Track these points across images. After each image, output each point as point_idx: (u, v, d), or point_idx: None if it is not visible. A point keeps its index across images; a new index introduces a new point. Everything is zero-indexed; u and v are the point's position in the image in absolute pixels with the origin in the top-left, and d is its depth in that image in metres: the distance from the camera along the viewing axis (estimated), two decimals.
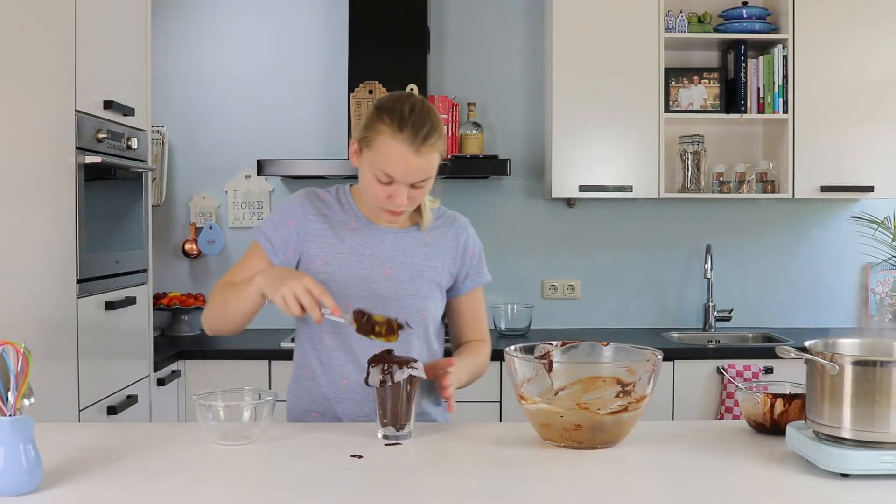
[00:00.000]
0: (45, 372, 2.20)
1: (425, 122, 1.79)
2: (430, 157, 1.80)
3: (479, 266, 2.01)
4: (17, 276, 2.20)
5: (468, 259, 1.99)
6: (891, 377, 1.39)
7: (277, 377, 3.31)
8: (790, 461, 1.51)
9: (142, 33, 3.04)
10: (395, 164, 1.78)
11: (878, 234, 3.69)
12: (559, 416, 1.58)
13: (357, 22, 3.66)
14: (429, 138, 1.78)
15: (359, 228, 1.92)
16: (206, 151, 3.91)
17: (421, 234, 1.95)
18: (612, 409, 1.57)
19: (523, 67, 3.91)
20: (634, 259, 3.93)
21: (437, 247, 1.95)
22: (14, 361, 1.33)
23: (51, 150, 2.39)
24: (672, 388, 3.32)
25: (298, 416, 1.96)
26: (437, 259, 1.95)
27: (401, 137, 1.77)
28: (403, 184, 1.80)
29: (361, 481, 1.43)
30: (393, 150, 1.77)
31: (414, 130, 1.77)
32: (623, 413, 1.58)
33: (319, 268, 1.89)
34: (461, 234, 1.99)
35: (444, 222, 1.99)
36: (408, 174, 1.79)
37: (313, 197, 1.95)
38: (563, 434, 1.59)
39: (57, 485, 1.38)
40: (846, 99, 3.58)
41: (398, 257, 1.91)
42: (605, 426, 1.58)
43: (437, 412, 2.00)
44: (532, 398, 1.62)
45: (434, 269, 1.94)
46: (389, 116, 1.79)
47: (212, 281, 3.91)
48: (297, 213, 1.91)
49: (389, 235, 1.93)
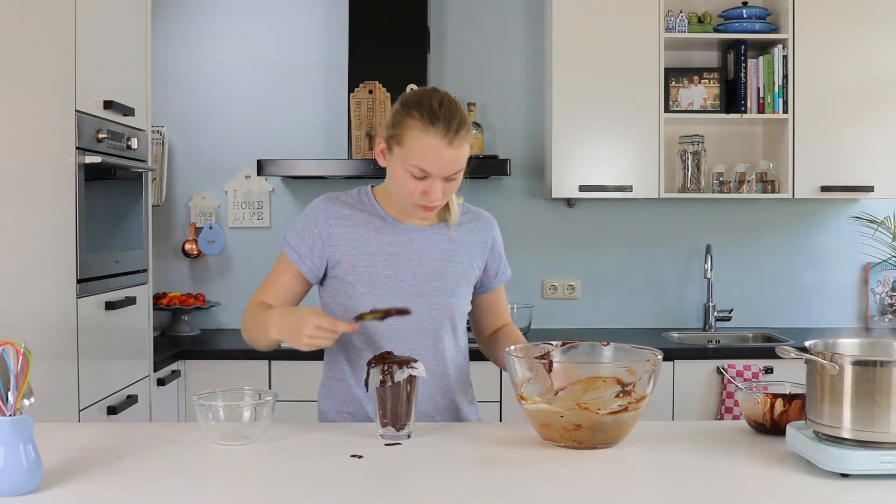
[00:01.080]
0: (45, 372, 2.20)
1: (455, 114, 1.80)
2: (462, 149, 1.81)
3: (504, 262, 2.05)
4: (17, 276, 2.21)
5: (496, 255, 2.01)
6: (891, 377, 1.39)
7: (277, 377, 3.31)
8: (790, 461, 1.51)
9: (142, 33, 3.04)
10: (429, 158, 1.78)
11: (878, 234, 3.69)
12: (559, 416, 1.58)
13: (357, 22, 3.66)
14: (460, 130, 1.79)
15: (384, 228, 1.92)
16: (206, 151, 3.91)
17: (448, 230, 1.96)
18: (612, 409, 1.57)
19: (523, 67, 3.91)
20: (634, 259, 3.93)
21: (464, 243, 1.96)
22: (14, 361, 1.33)
23: (51, 150, 2.39)
24: (672, 388, 3.32)
25: (329, 417, 1.98)
26: (464, 255, 1.95)
27: (433, 131, 1.77)
28: (438, 177, 1.80)
29: (361, 481, 1.43)
30: (427, 143, 1.78)
31: (446, 123, 1.77)
32: (623, 413, 1.58)
33: (347, 270, 1.89)
34: (488, 230, 2.00)
35: (470, 218, 2.00)
36: (442, 167, 1.79)
37: (333, 201, 1.94)
38: (563, 434, 1.59)
39: (57, 485, 1.38)
40: (846, 99, 3.58)
41: (425, 255, 1.92)
42: (605, 426, 1.58)
43: (471, 411, 2.03)
44: (532, 398, 1.62)
45: (461, 264, 1.95)
46: (419, 111, 1.79)
47: (212, 281, 3.92)
48: (318, 219, 1.91)
49: (416, 233, 1.93)
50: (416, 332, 1.90)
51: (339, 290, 1.91)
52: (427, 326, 1.91)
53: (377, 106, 3.62)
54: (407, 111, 1.81)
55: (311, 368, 3.30)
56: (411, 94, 1.86)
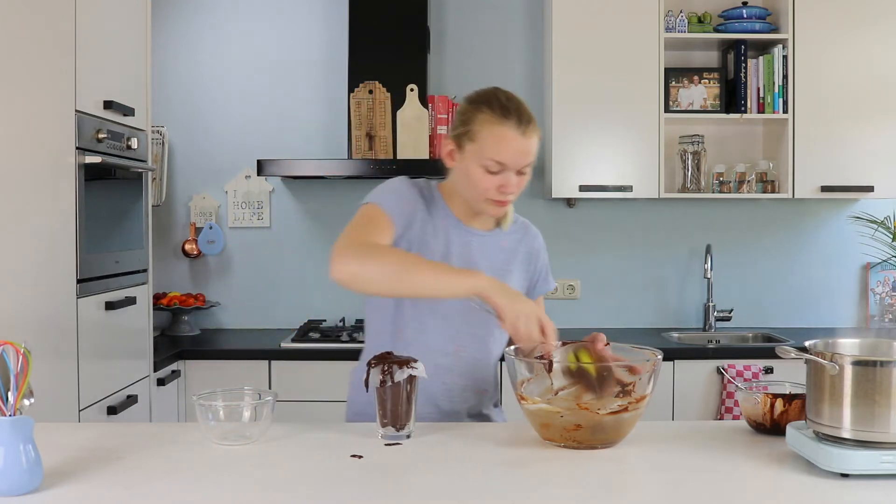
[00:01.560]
0: (45, 372, 2.19)
1: (523, 106, 1.86)
2: (533, 141, 1.84)
3: (546, 274, 2.06)
4: (17, 276, 2.20)
5: (539, 266, 2.04)
6: (891, 377, 1.39)
7: (277, 377, 3.31)
8: (790, 461, 1.51)
9: (142, 33, 3.04)
10: (505, 150, 1.81)
11: (878, 234, 3.69)
12: (559, 416, 1.58)
13: (357, 22, 3.66)
14: (531, 121, 1.84)
15: (448, 227, 1.93)
16: (206, 151, 3.91)
17: (498, 238, 1.98)
18: (612, 409, 1.57)
19: (523, 67, 3.91)
20: (634, 259, 3.93)
21: (512, 252, 1.99)
22: (14, 361, 1.33)
23: (51, 150, 2.39)
24: (672, 388, 3.32)
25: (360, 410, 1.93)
26: (513, 264, 1.99)
27: (508, 123, 1.81)
28: (512, 170, 1.83)
29: (361, 481, 1.43)
30: (501, 135, 1.81)
31: (518, 114, 1.83)
32: (623, 413, 1.58)
33: None
34: (534, 241, 2.04)
35: (518, 228, 2.03)
36: (517, 158, 1.82)
37: (415, 187, 1.93)
38: (563, 434, 1.59)
39: (57, 485, 1.38)
40: (846, 99, 3.58)
41: (480, 260, 1.94)
42: (605, 426, 1.58)
43: (496, 413, 2.05)
44: (532, 398, 1.62)
45: (510, 273, 1.97)
46: (489, 106, 1.83)
47: (212, 281, 3.91)
48: (407, 196, 1.89)
49: (474, 238, 1.95)
50: (465, 335, 1.92)
51: None
52: (475, 331, 1.92)
53: (377, 106, 3.62)
54: (476, 107, 1.85)
55: (311, 368, 3.32)
56: (475, 94, 1.90)
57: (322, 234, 3.91)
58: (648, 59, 3.57)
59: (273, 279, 3.92)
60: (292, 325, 3.85)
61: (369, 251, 1.72)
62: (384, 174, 3.52)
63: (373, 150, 3.63)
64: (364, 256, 1.71)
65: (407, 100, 3.61)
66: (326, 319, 3.86)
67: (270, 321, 3.92)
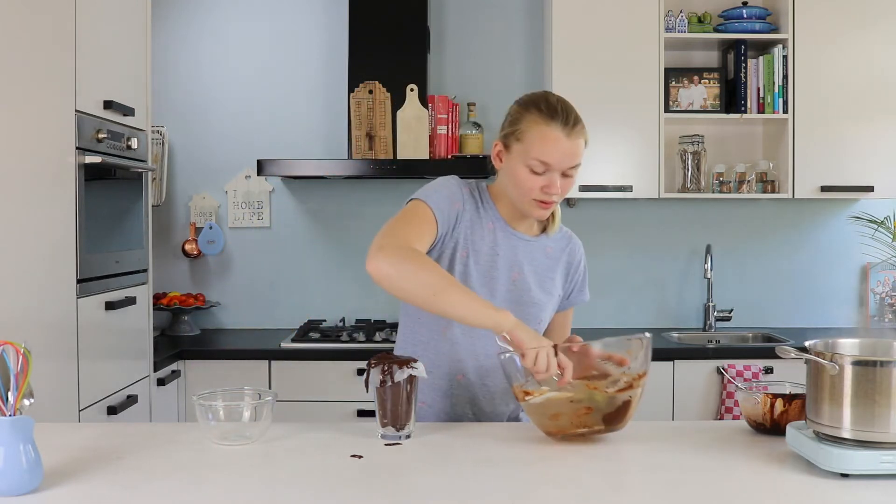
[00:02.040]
0: (45, 372, 2.20)
1: (571, 109, 1.89)
2: (579, 142, 1.87)
3: (582, 285, 2.09)
4: (17, 276, 2.21)
5: (576, 277, 2.06)
6: (891, 377, 1.39)
7: (277, 377, 3.31)
8: (790, 461, 1.51)
9: (142, 33, 3.04)
10: (550, 150, 1.83)
11: (878, 234, 3.69)
12: (569, 401, 1.59)
13: (357, 22, 3.66)
14: (578, 123, 1.88)
15: (496, 230, 1.95)
16: (205, 151, 3.91)
17: (544, 244, 2.00)
18: (619, 387, 1.61)
19: (523, 67, 3.91)
20: (634, 259, 3.93)
21: (555, 260, 2.02)
22: (14, 361, 1.33)
23: (51, 150, 2.39)
24: (672, 388, 3.32)
25: None
26: (555, 271, 2.01)
27: (554, 124, 1.84)
28: (558, 170, 1.85)
29: (361, 481, 1.43)
30: (546, 135, 1.84)
31: (564, 116, 1.86)
32: (628, 390, 1.61)
33: (462, 258, 1.90)
34: (576, 251, 2.07)
35: (562, 237, 2.06)
36: (562, 159, 1.84)
37: (465, 187, 1.96)
38: (573, 420, 1.61)
39: (57, 485, 1.38)
40: (846, 99, 3.58)
41: (525, 264, 1.96)
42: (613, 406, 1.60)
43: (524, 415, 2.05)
44: (538, 390, 1.63)
45: (552, 280, 2.00)
46: (537, 108, 1.87)
47: (212, 281, 3.91)
48: (457, 196, 1.91)
49: (521, 242, 1.97)
50: None
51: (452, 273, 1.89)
52: None
53: (377, 106, 3.62)
54: (525, 109, 1.89)
55: (311, 368, 3.32)
56: (525, 96, 1.94)
57: (322, 234, 3.92)
58: (648, 59, 3.57)
59: (273, 279, 3.92)
60: (292, 325, 3.85)
61: (409, 259, 1.71)
62: (384, 174, 3.52)
63: (373, 150, 3.63)
64: (403, 263, 1.70)
65: (407, 100, 3.61)
66: (326, 319, 3.86)
67: (270, 321, 3.92)
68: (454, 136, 3.70)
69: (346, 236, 3.91)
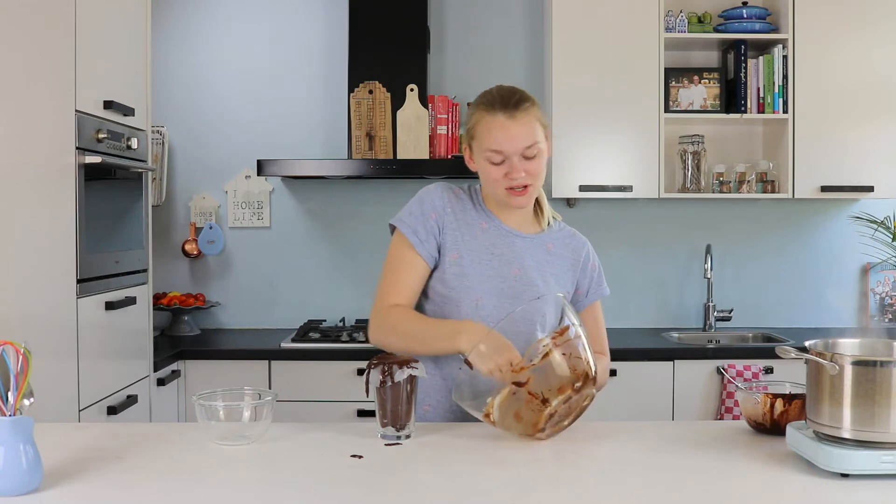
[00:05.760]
0: (45, 372, 2.19)
1: (514, 93, 1.90)
2: (527, 121, 1.88)
3: (599, 280, 2.08)
4: (17, 276, 2.20)
5: (589, 272, 2.05)
6: (891, 377, 1.39)
7: (277, 377, 3.31)
8: (790, 461, 1.51)
9: (142, 33, 3.04)
10: (497, 137, 1.86)
11: (878, 234, 3.69)
12: (511, 393, 1.63)
13: (357, 22, 3.66)
14: (520, 104, 1.88)
15: (490, 229, 1.97)
16: (205, 151, 3.91)
17: (545, 241, 2.01)
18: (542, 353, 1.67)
19: (523, 67, 3.91)
20: (634, 259, 3.93)
21: (559, 256, 2.02)
22: (14, 361, 1.33)
23: (51, 150, 2.39)
24: (672, 388, 3.32)
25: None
26: (559, 267, 2.01)
27: (495, 112, 1.88)
28: (514, 155, 1.86)
29: (361, 481, 1.43)
30: (490, 123, 1.88)
31: (503, 100, 1.88)
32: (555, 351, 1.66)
33: (454, 260, 1.93)
34: (581, 248, 2.06)
35: (566, 235, 2.06)
36: (512, 142, 1.86)
37: (449, 191, 2.00)
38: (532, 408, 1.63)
39: (57, 485, 1.38)
40: (846, 99, 3.58)
41: (526, 260, 1.97)
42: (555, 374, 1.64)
43: None
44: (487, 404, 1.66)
45: (556, 276, 2.00)
46: (481, 102, 1.92)
47: (212, 281, 3.92)
48: (436, 205, 1.96)
49: (518, 239, 1.98)
50: (511, 333, 1.91)
51: (444, 282, 1.93)
52: (521, 328, 1.90)
53: (377, 106, 3.62)
54: (474, 106, 1.94)
55: (311, 369, 3.32)
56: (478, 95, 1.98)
57: (322, 234, 3.92)
58: (648, 59, 3.57)
59: (273, 279, 3.92)
60: (292, 325, 3.85)
61: (388, 323, 1.90)
62: (384, 174, 3.52)
63: (373, 150, 3.63)
64: (384, 330, 1.90)
65: (407, 100, 3.61)
66: (326, 319, 3.86)
67: (270, 321, 3.92)
68: (454, 136, 3.70)
69: (346, 236, 3.91)
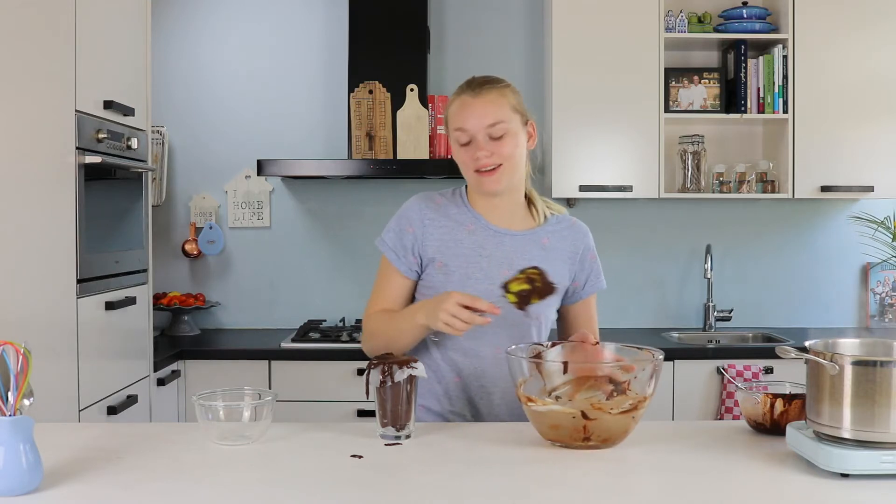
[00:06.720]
0: (45, 372, 2.19)
1: (486, 78, 1.94)
2: (491, 98, 1.88)
3: (597, 272, 2.05)
4: (17, 276, 2.21)
5: (587, 264, 2.02)
6: (891, 377, 1.39)
7: (277, 377, 3.31)
8: (790, 461, 1.51)
9: (142, 33, 3.04)
10: (460, 115, 1.89)
11: (878, 234, 3.69)
12: (571, 416, 1.57)
13: (357, 22, 3.66)
14: (486, 83, 1.90)
15: (477, 230, 1.95)
16: (206, 151, 3.91)
17: (539, 237, 1.98)
18: (623, 409, 1.57)
19: (523, 67, 3.91)
20: (634, 259, 3.93)
21: (554, 251, 1.98)
22: (14, 361, 1.33)
23: (51, 150, 2.39)
24: (672, 388, 3.32)
25: None
26: (554, 262, 1.96)
27: (461, 92, 1.92)
28: (477, 133, 1.87)
29: (361, 481, 1.43)
30: (456, 104, 1.92)
31: (470, 82, 1.93)
32: (631, 412, 1.58)
33: (439, 269, 1.93)
34: (580, 238, 2.02)
35: (564, 227, 2.02)
36: (475, 119, 1.86)
37: (428, 201, 1.99)
38: (572, 434, 1.58)
39: (57, 485, 1.38)
40: (846, 99, 3.58)
41: (516, 259, 1.93)
42: (611, 426, 1.58)
43: None
44: (541, 399, 1.62)
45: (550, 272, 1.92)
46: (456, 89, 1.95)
47: (212, 281, 3.92)
48: (413, 219, 1.96)
49: (507, 237, 1.96)
50: (503, 335, 1.91)
51: (431, 287, 1.93)
52: (513, 332, 1.91)
53: (377, 106, 3.62)
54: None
55: (311, 368, 3.32)
56: None
57: (322, 234, 3.92)
58: (648, 59, 3.57)
59: (273, 279, 3.92)
60: (292, 325, 3.85)
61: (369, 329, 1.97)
62: (384, 174, 3.52)
63: (373, 150, 3.63)
64: (367, 336, 1.97)
65: (407, 100, 3.61)
66: (326, 319, 3.86)
67: (270, 321, 3.92)
68: None
69: (346, 236, 3.91)
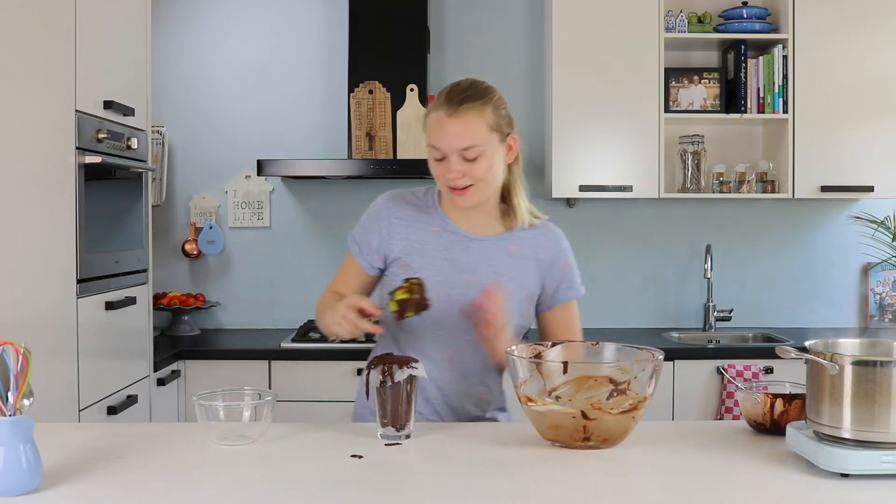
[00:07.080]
0: (45, 372, 2.19)
1: (465, 90, 1.83)
2: (467, 121, 1.80)
3: (570, 280, 1.98)
4: (17, 276, 2.20)
5: (556, 272, 1.96)
6: (891, 377, 1.39)
7: (277, 377, 3.31)
8: (790, 461, 1.51)
9: (142, 33, 3.04)
10: (436, 133, 1.82)
11: (878, 234, 3.69)
12: (571, 416, 1.57)
13: (357, 22, 3.66)
14: (465, 102, 1.80)
15: (443, 233, 1.93)
16: (206, 151, 3.91)
17: (507, 243, 1.94)
18: (623, 409, 1.57)
19: (523, 67, 3.91)
20: (634, 259, 3.93)
21: (520, 258, 1.93)
22: (14, 361, 1.33)
23: (51, 150, 2.39)
24: (672, 388, 3.32)
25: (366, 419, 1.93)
26: (518, 270, 1.92)
27: (437, 108, 1.83)
28: (451, 154, 1.81)
29: (361, 481, 1.43)
30: (433, 120, 1.83)
31: (448, 97, 1.82)
32: (631, 412, 1.58)
33: (402, 268, 1.91)
34: (551, 246, 1.97)
35: (535, 235, 1.97)
36: (448, 140, 1.80)
37: (398, 200, 1.97)
38: (572, 434, 1.58)
39: (57, 485, 1.38)
40: (846, 99, 3.58)
41: (480, 265, 1.90)
42: (613, 426, 1.57)
43: (503, 418, 2.03)
44: (542, 399, 1.61)
45: (515, 279, 1.91)
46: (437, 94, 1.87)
47: (212, 281, 3.92)
48: (381, 216, 1.95)
49: (474, 243, 1.92)
50: (461, 340, 1.90)
51: (392, 286, 1.89)
52: (470, 337, 1.88)
53: (377, 106, 3.62)
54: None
55: (311, 368, 3.32)
56: None
57: (322, 234, 3.92)
58: (648, 59, 3.57)
59: (273, 279, 3.92)
60: (292, 325, 3.85)
61: (317, 307, 2.02)
62: (384, 174, 3.52)
63: (373, 150, 3.63)
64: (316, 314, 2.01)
65: (407, 100, 3.61)
66: None
67: (270, 321, 3.92)
68: None
69: (346, 236, 3.89)
